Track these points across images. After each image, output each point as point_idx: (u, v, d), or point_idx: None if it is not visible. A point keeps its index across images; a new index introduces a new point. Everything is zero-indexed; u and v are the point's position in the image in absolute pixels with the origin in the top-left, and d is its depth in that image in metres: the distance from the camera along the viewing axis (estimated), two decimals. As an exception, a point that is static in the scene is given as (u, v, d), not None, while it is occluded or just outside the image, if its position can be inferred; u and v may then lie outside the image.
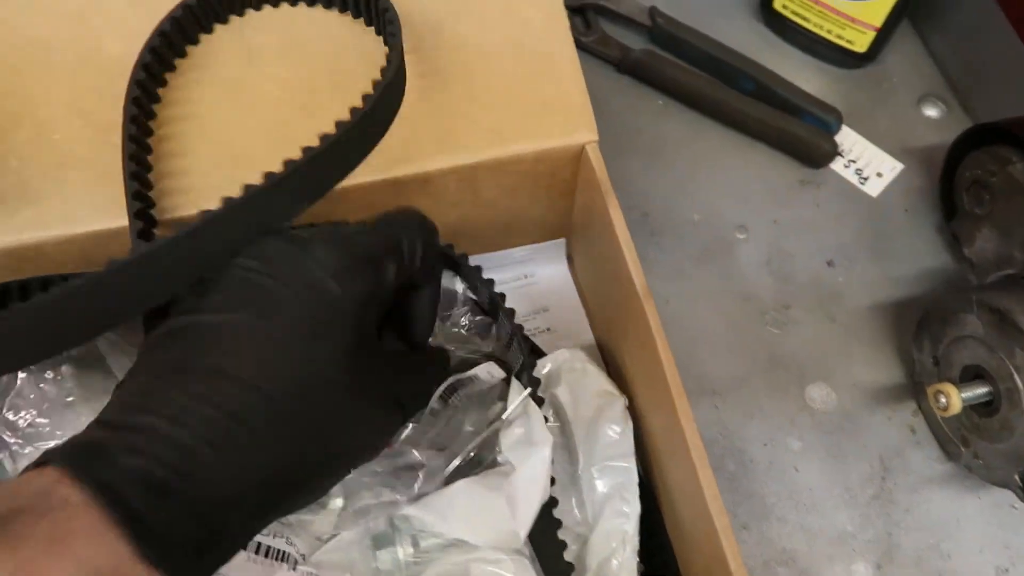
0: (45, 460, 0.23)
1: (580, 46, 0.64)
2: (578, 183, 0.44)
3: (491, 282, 0.40)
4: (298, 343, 0.27)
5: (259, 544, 0.39)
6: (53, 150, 0.37)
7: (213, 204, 0.28)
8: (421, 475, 0.40)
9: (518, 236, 0.48)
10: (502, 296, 0.40)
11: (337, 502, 0.41)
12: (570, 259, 0.52)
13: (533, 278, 0.51)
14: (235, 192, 0.29)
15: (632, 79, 0.64)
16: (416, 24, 0.41)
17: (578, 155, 0.41)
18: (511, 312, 0.39)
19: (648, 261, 0.55)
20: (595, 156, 0.40)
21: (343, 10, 0.42)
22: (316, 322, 0.27)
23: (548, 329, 0.50)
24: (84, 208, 0.36)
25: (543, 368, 0.44)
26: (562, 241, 0.50)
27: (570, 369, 0.43)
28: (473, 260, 0.41)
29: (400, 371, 0.32)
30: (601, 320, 0.49)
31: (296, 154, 0.30)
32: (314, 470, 0.28)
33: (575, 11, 0.65)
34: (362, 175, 0.38)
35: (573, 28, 0.64)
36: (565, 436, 0.43)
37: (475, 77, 0.41)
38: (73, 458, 0.23)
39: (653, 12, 0.64)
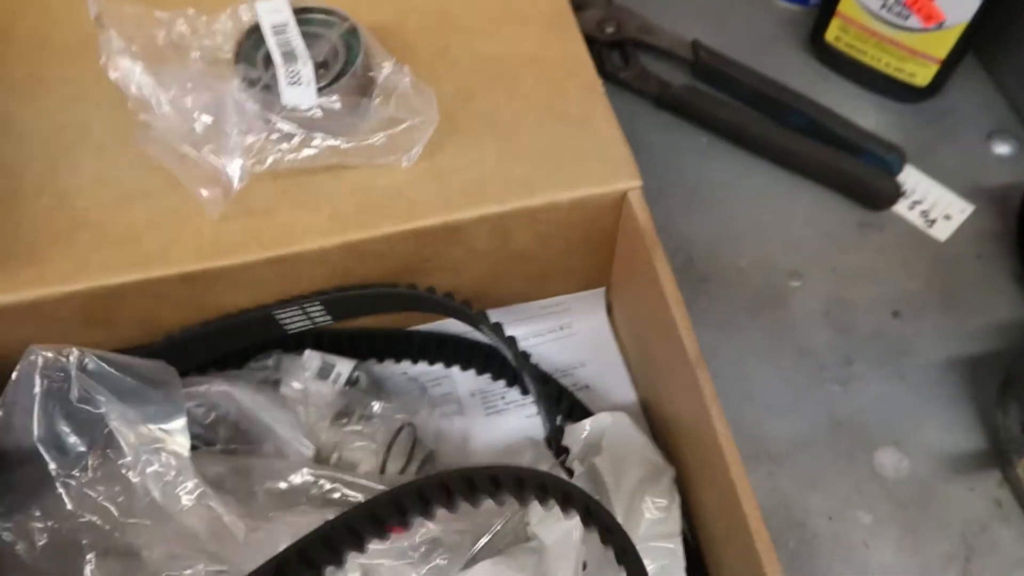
0: None
1: (617, 81, 0.60)
2: (619, 231, 0.40)
3: (512, 339, 0.36)
4: None
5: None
6: (71, 216, 0.37)
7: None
8: (442, 556, 0.36)
9: (554, 285, 0.44)
10: (525, 355, 0.36)
11: (353, 578, 0.37)
12: (610, 309, 0.48)
13: (570, 329, 0.47)
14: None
15: (673, 115, 0.60)
16: (446, 94, 0.39)
17: (619, 202, 0.38)
18: (540, 375, 0.35)
19: (694, 310, 0.50)
20: (638, 204, 0.37)
21: None
22: None
23: (587, 386, 0.46)
24: (88, 267, 0.35)
25: (581, 433, 0.39)
26: (601, 291, 0.46)
27: (613, 435, 0.39)
28: (506, 311, 0.38)
29: None
30: (645, 378, 0.45)
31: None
32: None
33: (613, 45, 0.62)
34: (384, 226, 0.36)
35: (610, 63, 0.61)
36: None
37: (509, 137, 0.39)
38: None
39: (696, 45, 0.61)
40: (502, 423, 0.45)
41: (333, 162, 0.37)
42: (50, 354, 0.33)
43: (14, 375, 0.33)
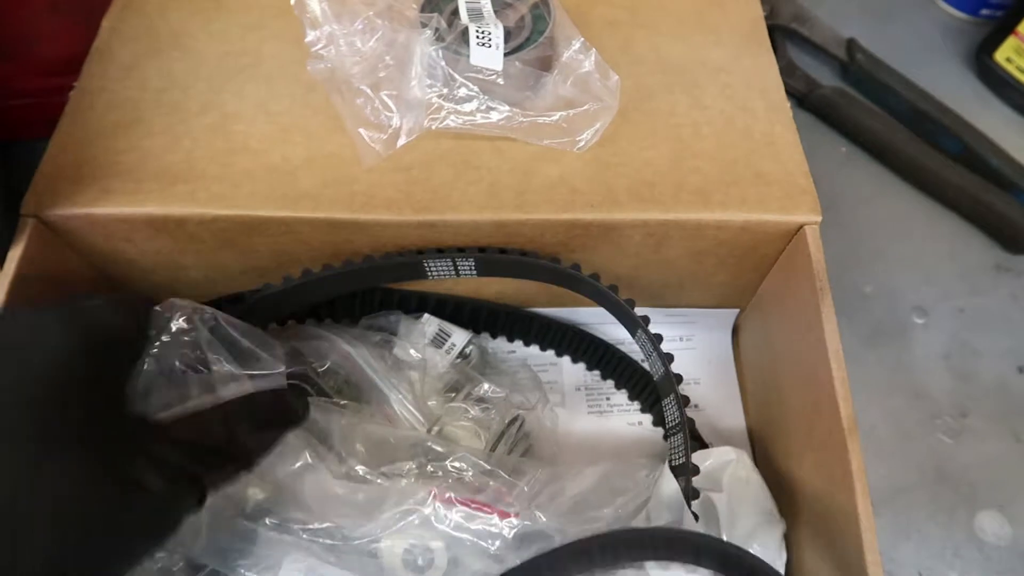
0: None
1: (762, 72, 0.56)
2: (779, 262, 0.37)
3: (670, 357, 0.34)
4: None
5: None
6: (230, 139, 0.36)
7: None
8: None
9: (687, 297, 0.42)
10: (678, 377, 0.34)
11: (440, 564, 0.37)
12: (735, 332, 0.46)
13: (691, 342, 0.45)
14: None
15: (815, 118, 0.56)
16: (624, 88, 0.37)
17: (790, 233, 0.35)
18: (685, 400, 0.33)
19: (808, 332, 0.49)
20: (814, 242, 0.34)
21: None
22: None
23: (696, 406, 0.44)
24: (239, 194, 0.35)
25: (703, 460, 0.38)
26: (734, 312, 0.44)
27: (733, 475, 0.37)
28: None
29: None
30: (763, 415, 0.43)
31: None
32: None
33: (761, 30, 0.57)
34: (541, 211, 0.34)
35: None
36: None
37: (685, 143, 0.37)
38: None
39: (851, 45, 0.56)
40: (603, 425, 0.44)
41: (502, 134, 0.35)
42: (187, 314, 0.32)
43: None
